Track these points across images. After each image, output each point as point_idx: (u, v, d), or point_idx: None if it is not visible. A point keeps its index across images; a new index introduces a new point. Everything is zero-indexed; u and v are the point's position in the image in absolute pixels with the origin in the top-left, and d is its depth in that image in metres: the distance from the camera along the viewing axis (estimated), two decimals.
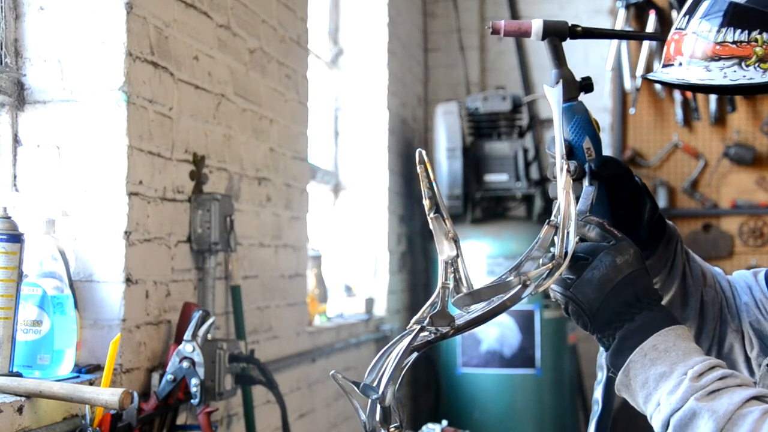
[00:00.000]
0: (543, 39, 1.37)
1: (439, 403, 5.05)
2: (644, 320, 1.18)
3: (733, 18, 1.29)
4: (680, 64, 1.35)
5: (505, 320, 4.67)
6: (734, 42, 1.28)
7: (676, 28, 1.37)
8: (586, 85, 1.38)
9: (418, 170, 1.12)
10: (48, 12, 2.25)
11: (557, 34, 1.38)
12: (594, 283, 1.18)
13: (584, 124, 1.36)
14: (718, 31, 1.30)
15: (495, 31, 1.34)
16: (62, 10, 2.24)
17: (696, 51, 1.33)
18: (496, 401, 4.75)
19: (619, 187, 1.40)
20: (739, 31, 1.28)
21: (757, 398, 1.09)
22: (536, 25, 1.36)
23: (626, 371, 1.17)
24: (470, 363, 4.74)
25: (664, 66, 1.39)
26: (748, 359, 1.59)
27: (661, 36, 1.34)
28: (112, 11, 2.22)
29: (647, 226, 1.45)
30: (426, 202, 1.13)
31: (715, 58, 1.30)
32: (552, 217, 1.18)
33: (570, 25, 1.39)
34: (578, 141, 1.35)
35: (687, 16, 1.36)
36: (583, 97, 1.38)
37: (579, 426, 5.15)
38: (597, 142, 1.37)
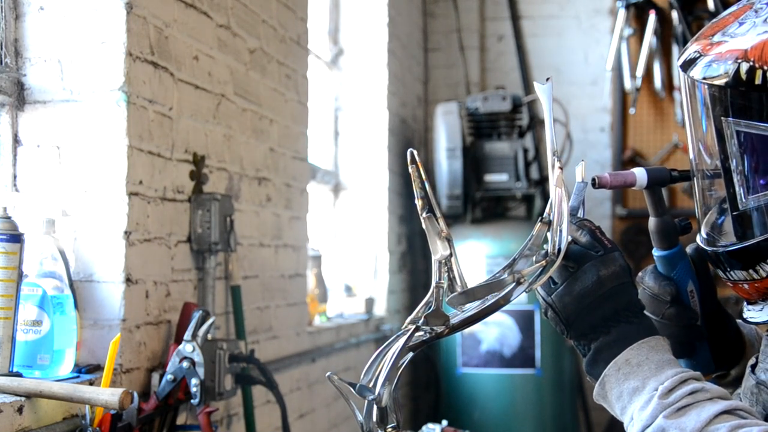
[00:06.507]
0: (646, 188, 1.38)
1: (439, 403, 5.05)
2: (619, 333, 1.17)
3: None
4: None
5: (505, 320, 4.67)
6: None
7: None
8: (684, 227, 1.41)
9: (410, 170, 1.12)
10: (48, 12, 2.25)
11: (660, 182, 1.38)
12: (573, 294, 1.18)
13: (687, 268, 1.42)
14: None
15: (601, 186, 1.34)
16: (62, 10, 2.24)
17: None
18: (496, 401, 4.75)
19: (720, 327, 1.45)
20: None
21: (728, 412, 1.09)
22: (640, 176, 1.36)
23: (602, 384, 1.18)
24: (470, 363, 4.74)
25: None
26: None
27: None
28: (112, 11, 2.23)
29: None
30: (418, 203, 1.13)
31: None
32: (544, 214, 1.18)
33: (669, 170, 1.39)
34: (683, 284, 1.41)
35: None
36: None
37: (579, 426, 5.15)
38: (699, 286, 1.43)
